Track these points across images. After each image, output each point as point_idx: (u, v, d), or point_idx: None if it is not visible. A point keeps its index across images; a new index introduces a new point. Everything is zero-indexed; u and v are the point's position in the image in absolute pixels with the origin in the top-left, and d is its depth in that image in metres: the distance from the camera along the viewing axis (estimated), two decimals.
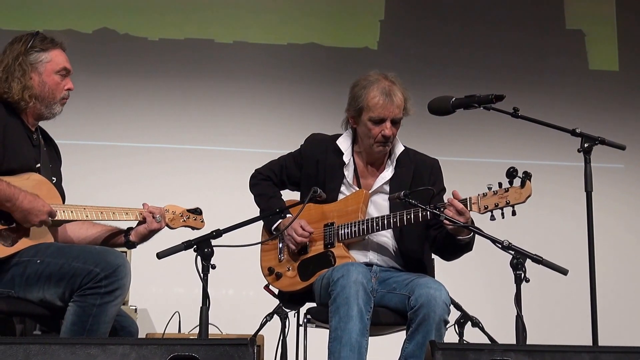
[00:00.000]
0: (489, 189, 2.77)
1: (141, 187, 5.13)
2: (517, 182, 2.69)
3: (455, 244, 2.92)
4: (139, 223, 2.89)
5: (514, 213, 2.72)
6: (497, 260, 2.90)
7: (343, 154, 3.18)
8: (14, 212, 2.58)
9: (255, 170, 3.36)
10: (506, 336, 2.64)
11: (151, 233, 2.88)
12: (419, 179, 3.12)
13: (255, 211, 3.20)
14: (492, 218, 2.74)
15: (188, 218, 2.96)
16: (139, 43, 5.47)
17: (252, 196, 3.32)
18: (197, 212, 2.99)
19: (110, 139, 5.30)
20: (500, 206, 2.74)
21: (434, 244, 3.07)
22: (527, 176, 2.68)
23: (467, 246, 2.96)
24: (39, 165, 2.76)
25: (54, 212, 2.65)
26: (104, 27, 5.43)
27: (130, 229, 2.91)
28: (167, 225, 2.91)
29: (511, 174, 2.63)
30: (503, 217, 2.74)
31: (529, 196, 2.70)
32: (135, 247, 2.89)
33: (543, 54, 5.78)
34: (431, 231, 3.06)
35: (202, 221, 2.99)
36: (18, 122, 2.76)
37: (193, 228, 2.97)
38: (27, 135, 2.77)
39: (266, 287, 3.21)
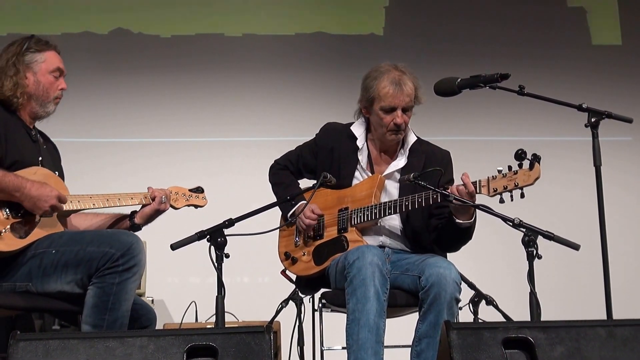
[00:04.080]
0: (499, 171, 2.71)
1: (157, 180, 5.06)
2: (526, 164, 2.63)
3: (456, 228, 2.87)
4: (143, 206, 2.90)
5: (522, 196, 2.65)
6: (508, 238, 2.85)
7: (357, 139, 3.17)
8: (24, 201, 2.57)
9: (274, 160, 3.36)
10: (521, 313, 2.64)
11: (157, 213, 2.89)
12: (429, 168, 3.05)
13: (267, 199, 3.16)
14: (501, 201, 2.68)
15: (191, 197, 3.00)
16: (152, 41, 5.52)
17: (270, 186, 3.31)
18: (198, 190, 3.02)
19: (127, 135, 5.33)
20: (509, 189, 2.67)
21: (435, 233, 3.02)
22: (535, 158, 2.60)
23: (467, 232, 2.90)
24: (41, 158, 2.76)
25: (63, 197, 2.64)
26: (118, 27, 5.49)
27: (134, 212, 2.92)
28: (171, 206, 2.93)
29: (519, 156, 2.56)
30: (512, 200, 2.67)
31: (537, 178, 2.62)
32: (140, 229, 2.89)
33: (546, 31, 5.72)
34: (433, 220, 3.02)
35: (204, 199, 3.02)
36: (17, 119, 2.77)
37: (196, 206, 3.00)
38: (27, 131, 2.78)
39: (283, 272, 3.20)
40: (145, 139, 5.32)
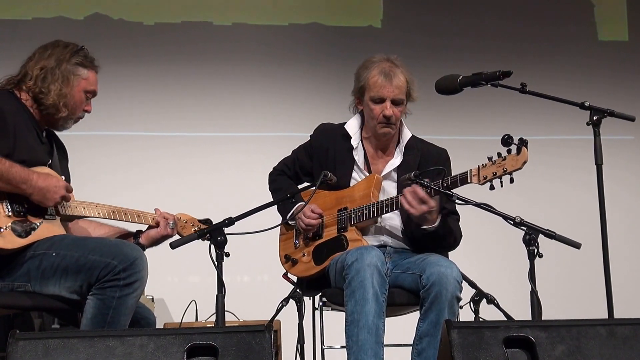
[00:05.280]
0: (489, 159, 2.80)
1: (140, 176, 5.16)
2: (514, 149, 2.72)
3: (423, 235, 3.01)
4: (150, 227, 2.94)
5: (511, 180, 2.74)
6: (510, 236, 2.94)
7: (351, 137, 3.25)
8: (32, 194, 2.62)
9: (273, 168, 3.44)
10: (522, 312, 2.69)
11: (163, 238, 2.94)
12: (425, 166, 3.16)
13: (267, 197, 3.25)
14: (492, 187, 2.78)
15: (199, 227, 3.01)
16: (134, 28, 5.40)
17: (271, 194, 3.39)
18: (207, 222, 3.04)
19: (110, 128, 5.28)
20: (498, 175, 2.77)
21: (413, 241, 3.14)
22: (522, 142, 2.70)
23: (435, 237, 3.02)
24: (49, 162, 2.81)
25: (70, 187, 2.69)
26: (95, 12, 5.36)
27: (139, 232, 2.97)
28: (178, 233, 2.97)
29: (506, 141, 2.66)
30: (502, 186, 2.76)
31: (525, 162, 2.72)
32: (144, 250, 2.89)
33: (551, 25, 5.75)
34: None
35: None
36: (29, 118, 2.79)
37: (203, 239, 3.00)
38: (36, 131, 2.81)
39: (284, 276, 3.28)
40: (127, 132, 5.27)
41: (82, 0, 5.36)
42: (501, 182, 2.78)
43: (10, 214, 2.64)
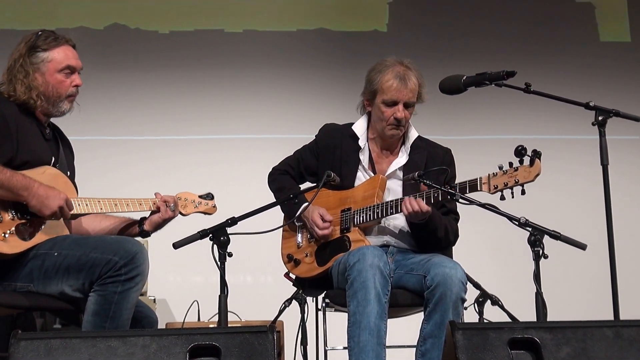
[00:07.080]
0: (500, 168, 2.74)
1: (157, 179, 5.15)
2: (526, 160, 2.66)
3: (414, 227, 2.99)
4: (152, 212, 2.90)
5: (523, 192, 2.68)
6: (514, 237, 2.88)
7: (359, 138, 3.21)
8: (31, 201, 2.57)
9: (273, 168, 3.38)
10: (527, 314, 2.63)
11: (165, 222, 2.90)
12: (432, 166, 3.12)
13: (270, 198, 3.21)
14: (502, 198, 2.72)
15: (200, 204, 3.00)
16: (150, 37, 5.50)
17: (272, 193, 3.33)
18: (208, 197, 3.02)
19: (126, 133, 5.33)
20: (509, 185, 2.71)
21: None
22: (536, 154, 2.64)
23: (426, 229, 2.97)
24: (53, 159, 2.77)
25: (70, 202, 2.65)
26: (114, 22, 5.47)
27: (143, 218, 2.93)
28: (180, 213, 2.94)
29: (520, 152, 2.60)
30: (513, 197, 2.70)
31: (538, 175, 2.66)
32: (149, 235, 2.90)
33: (553, 28, 5.74)
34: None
35: (214, 206, 3.02)
36: (30, 117, 2.76)
37: (205, 213, 2.99)
38: (40, 130, 2.78)
39: (286, 275, 3.23)
40: (142, 137, 5.31)
41: (101, 11, 5.50)
42: (512, 192, 2.72)
43: (14, 217, 2.61)
